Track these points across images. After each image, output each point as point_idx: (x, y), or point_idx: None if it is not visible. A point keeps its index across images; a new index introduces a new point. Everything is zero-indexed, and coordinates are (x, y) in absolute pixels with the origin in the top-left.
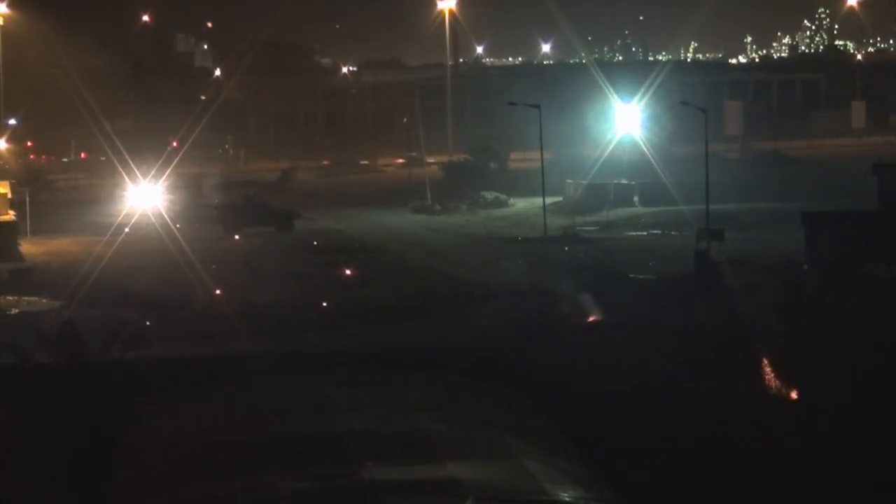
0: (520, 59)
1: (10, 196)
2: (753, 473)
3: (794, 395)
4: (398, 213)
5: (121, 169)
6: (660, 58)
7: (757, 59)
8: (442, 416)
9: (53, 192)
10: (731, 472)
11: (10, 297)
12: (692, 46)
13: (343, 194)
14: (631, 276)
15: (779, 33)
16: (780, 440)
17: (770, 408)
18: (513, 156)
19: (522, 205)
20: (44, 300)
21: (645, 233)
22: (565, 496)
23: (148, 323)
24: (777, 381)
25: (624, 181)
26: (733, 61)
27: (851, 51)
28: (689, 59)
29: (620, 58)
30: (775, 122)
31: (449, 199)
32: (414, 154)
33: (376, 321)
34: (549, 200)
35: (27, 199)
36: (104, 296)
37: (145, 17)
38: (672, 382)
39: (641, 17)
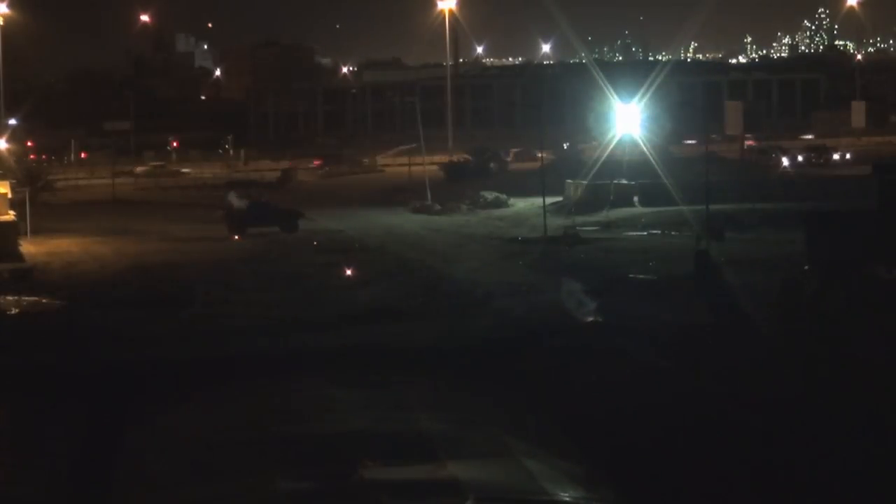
0: (520, 59)
1: (10, 196)
2: (753, 473)
3: (793, 395)
4: (398, 213)
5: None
6: (660, 58)
7: (757, 59)
8: (442, 416)
9: (53, 192)
10: (730, 472)
11: (10, 297)
12: (692, 46)
13: (343, 194)
14: (631, 276)
15: (779, 33)
16: (779, 440)
17: (769, 408)
18: (512, 156)
19: (522, 205)
20: (44, 300)
21: (645, 233)
22: (565, 496)
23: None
24: (776, 381)
25: (624, 181)
26: (733, 61)
27: (851, 51)
28: (689, 59)
29: (620, 58)
30: (775, 121)
31: (449, 199)
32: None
33: (376, 321)
34: (549, 200)
35: (27, 199)
36: (105, 296)
37: (145, 17)
38: (672, 383)
39: (641, 18)
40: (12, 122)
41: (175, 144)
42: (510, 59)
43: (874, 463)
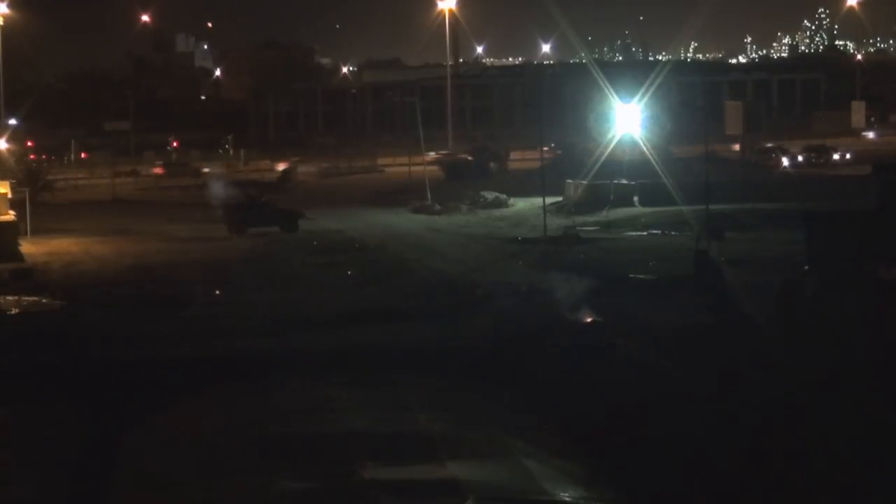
0: (520, 59)
1: (10, 196)
2: (753, 474)
3: (793, 394)
4: (398, 213)
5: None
6: (660, 58)
7: (757, 59)
8: (442, 416)
9: (53, 192)
10: (730, 472)
11: (10, 297)
12: (692, 46)
13: (343, 194)
14: (631, 275)
15: (779, 33)
16: (780, 440)
17: (769, 408)
18: (513, 156)
19: (522, 205)
20: (44, 300)
21: (645, 233)
22: (565, 496)
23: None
24: (776, 381)
25: (624, 181)
26: (733, 61)
27: (851, 51)
28: (689, 59)
29: (620, 58)
30: (775, 121)
31: (449, 199)
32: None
33: (376, 321)
34: (549, 200)
35: (27, 199)
36: (105, 296)
37: (145, 17)
38: (671, 382)
39: (641, 18)
40: (12, 122)
41: (175, 144)
42: (510, 59)
43: (874, 463)
